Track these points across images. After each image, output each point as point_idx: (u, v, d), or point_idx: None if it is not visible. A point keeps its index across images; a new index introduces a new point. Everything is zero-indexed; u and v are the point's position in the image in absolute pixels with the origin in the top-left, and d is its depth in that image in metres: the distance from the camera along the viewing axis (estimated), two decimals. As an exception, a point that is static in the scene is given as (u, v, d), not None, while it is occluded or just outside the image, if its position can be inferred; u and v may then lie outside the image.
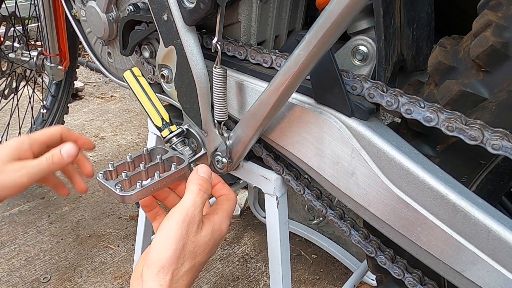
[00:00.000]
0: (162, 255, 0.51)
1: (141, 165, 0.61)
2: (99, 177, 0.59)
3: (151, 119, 0.70)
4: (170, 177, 0.60)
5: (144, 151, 0.64)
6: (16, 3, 1.42)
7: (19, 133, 1.66)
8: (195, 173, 0.57)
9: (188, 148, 0.70)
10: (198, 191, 0.55)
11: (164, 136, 0.69)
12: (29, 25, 1.58)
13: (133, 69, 0.69)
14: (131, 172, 0.60)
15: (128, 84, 0.69)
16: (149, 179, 0.60)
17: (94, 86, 2.61)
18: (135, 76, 0.69)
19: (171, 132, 0.69)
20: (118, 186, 0.57)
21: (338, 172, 0.59)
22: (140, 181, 0.58)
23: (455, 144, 0.53)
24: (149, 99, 0.69)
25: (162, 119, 0.69)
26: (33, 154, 0.63)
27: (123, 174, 0.59)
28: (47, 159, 0.61)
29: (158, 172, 0.60)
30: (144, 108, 0.69)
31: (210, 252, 0.55)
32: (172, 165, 0.61)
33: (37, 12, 1.34)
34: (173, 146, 0.70)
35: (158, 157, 0.63)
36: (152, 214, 0.62)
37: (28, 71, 1.51)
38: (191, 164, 0.71)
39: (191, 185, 0.55)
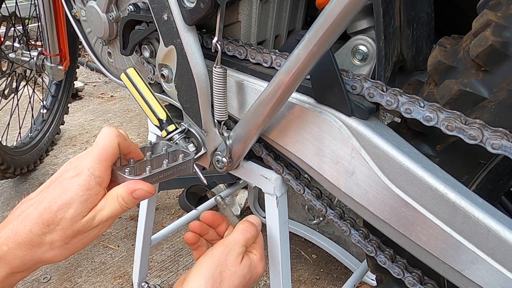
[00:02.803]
0: (200, 275, 0.56)
1: (148, 155, 0.61)
2: None
3: (150, 119, 0.70)
4: (177, 167, 0.61)
5: (148, 144, 0.64)
6: (16, 3, 1.42)
7: (19, 133, 1.66)
8: (245, 218, 0.63)
9: (191, 144, 0.71)
10: (242, 229, 0.61)
11: (163, 136, 0.69)
12: (29, 25, 1.58)
13: (128, 70, 0.69)
14: (138, 161, 0.60)
15: (125, 85, 0.69)
16: (164, 162, 0.60)
17: (94, 86, 2.61)
18: (129, 78, 0.68)
19: (169, 132, 0.69)
20: (127, 169, 0.55)
21: (338, 171, 0.59)
22: (149, 166, 0.57)
23: (454, 144, 0.53)
24: (145, 99, 0.68)
25: (160, 119, 0.69)
26: (104, 190, 0.53)
27: (131, 160, 0.58)
28: (122, 206, 0.52)
29: (166, 160, 0.60)
30: (142, 109, 0.69)
31: None
32: (180, 156, 0.62)
33: (37, 12, 1.35)
34: (176, 142, 0.70)
35: (163, 149, 0.63)
36: (195, 246, 0.65)
37: (28, 71, 1.52)
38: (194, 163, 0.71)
39: (238, 225, 0.62)
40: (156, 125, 0.69)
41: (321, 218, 1.26)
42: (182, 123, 0.72)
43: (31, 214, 0.49)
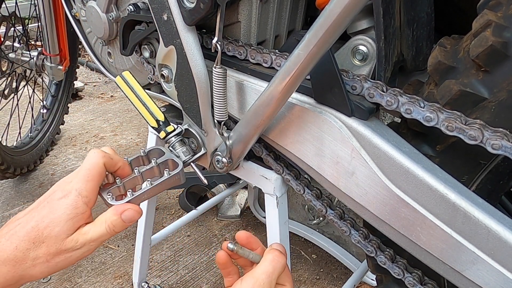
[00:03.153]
0: None
1: (135, 171, 0.61)
2: None
3: (147, 121, 0.70)
4: (162, 184, 0.60)
5: (142, 153, 0.64)
6: (16, 3, 1.42)
7: (19, 133, 1.66)
8: (270, 246, 0.60)
9: (185, 149, 0.70)
10: (272, 260, 0.57)
11: (161, 137, 0.69)
12: (29, 25, 1.58)
13: (123, 73, 0.69)
14: (125, 178, 0.60)
15: (121, 89, 0.69)
16: (145, 183, 0.60)
17: (94, 86, 2.61)
18: (126, 81, 0.68)
19: (167, 133, 0.69)
20: (109, 194, 0.57)
21: (338, 171, 0.59)
22: (130, 190, 0.58)
23: (455, 144, 0.53)
24: (142, 102, 0.69)
25: (158, 120, 0.69)
26: (90, 209, 0.55)
27: (116, 180, 0.59)
28: (109, 230, 0.54)
29: (149, 180, 0.60)
30: (138, 111, 0.69)
31: None
32: (165, 171, 0.61)
33: (37, 12, 1.35)
34: (172, 146, 0.70)
35: (153, 160, 0.63)
36: (226, 272, 0.63)
37: (28, 71, 1.51)
38: (192, 164, 0.71)
39: (267, 254, 0.58)
40: (153, 127, 0.69)
41: (321, 218, 1.26)
42: (179, 125, 0.72)
43: (18, 232, 0.51)
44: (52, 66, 1.42)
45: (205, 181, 0.69)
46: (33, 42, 1.51)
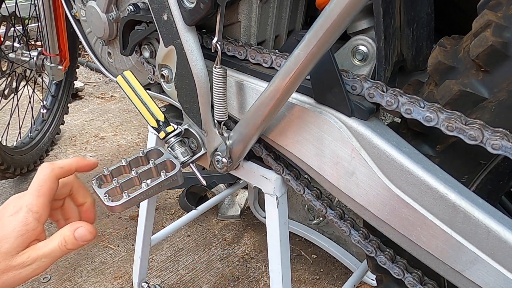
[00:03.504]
0: None
1: (133, 172, 0.61)
2: (93, 184, 0.59)
3: (147, 121, 0.70)
4: (159, 185, 0.60)
5: (140, 154, 0.64)
6: (16, 3, 1.42)
7: (19, 133, 1.66)
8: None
9: (184, 150, 0.70)
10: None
11: (161, 137, 0.69)
12: (29, 25, 1.58)
13: (125, 73, 0.69)
14: (123, 179, 0.60)
15: (122, 88, 0.69)
16: (143, 184, 0.60)
17: (94, 86, 2.61)
18: (127, 80, 0.69)
19: (167, 133, 0.69)
20: (106, 195, 0.57)
21: (338, 172, 0.59)
22: (126, 191, 0.58)
23: (455, 144, 0.53)
24: (143, 101, 0.69)
25: (158, 120, 0.69)
26: (42, 225, 0.53)
27: (113, 181, 0.59)
28: (61, 246, 0.52)
29: (146, 182, 0.60)
30: (139, 111, 0.69)
31: None
32: (162, 172, 0.61)
33: (37, 12, 1.35)
34: (171, 146, 0.70)
35: (151, 161, 0.63)
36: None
37: (28, 71, 1.52)
38: (191, 165, 0.71)
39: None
40: (153, 127, 0.69)
41: (321, 218, 1.26)
42: (179, 125, 0.72)
43: None
44: (52, 66, 1.42)
45: (204, 182, 0.69)
46: (33, 42, 1.51)
